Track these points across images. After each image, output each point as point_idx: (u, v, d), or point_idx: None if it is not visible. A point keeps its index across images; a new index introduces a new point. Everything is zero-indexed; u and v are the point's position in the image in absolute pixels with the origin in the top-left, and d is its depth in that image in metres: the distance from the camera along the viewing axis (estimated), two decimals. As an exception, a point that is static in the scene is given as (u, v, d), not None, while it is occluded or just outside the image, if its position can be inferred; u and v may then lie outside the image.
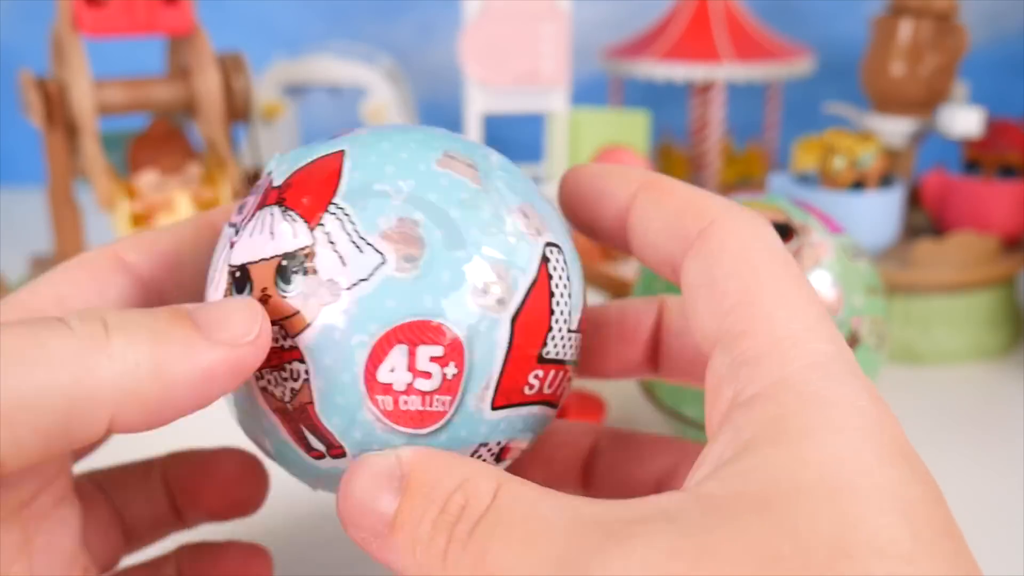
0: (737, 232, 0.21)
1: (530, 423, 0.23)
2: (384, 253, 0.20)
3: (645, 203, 0.23)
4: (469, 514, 0.18)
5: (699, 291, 0.20)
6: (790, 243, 0.41)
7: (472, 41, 0.64)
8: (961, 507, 0.44)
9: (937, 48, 0.57)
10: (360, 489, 0.19)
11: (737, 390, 0.18)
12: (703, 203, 0.22)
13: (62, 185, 0.57)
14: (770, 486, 0.16)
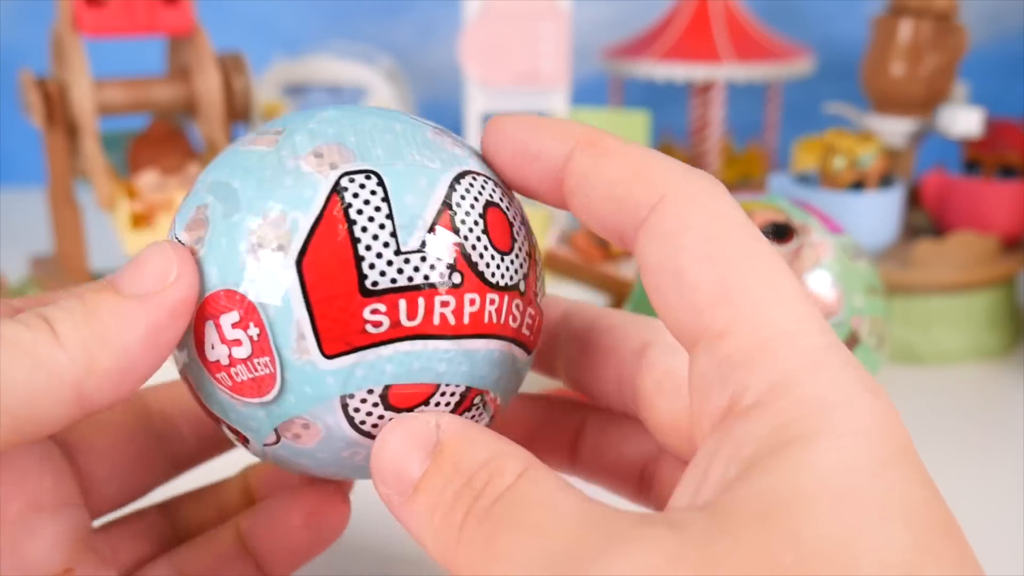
0: (698, 207, 0.19)
1: (456, 361, 0.21)
2: (184, 243, 0.22)
3: (583, 166, 0.20)
4: (490, 491, 0.18)
5: (665, 280, 0.19)
6: (790, 243, 0.41)
7: (472, 41, 0.64)
8: (961, 507, 0.44)
9: (937, 48, 0.57)
10: (393, 446, 0.19)
11: (732, 398, 0.17)
12: (652, 170, 0.19)
13: (62, 185, 0.57)
14: (772, 493, 0.16)
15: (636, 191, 0.19)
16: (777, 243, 0.41)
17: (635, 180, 0.19)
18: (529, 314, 0.22)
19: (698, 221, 0.19)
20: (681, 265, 0.18)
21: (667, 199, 0.19)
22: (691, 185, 0.19)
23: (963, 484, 0.43)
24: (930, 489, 0.17)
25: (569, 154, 0.21)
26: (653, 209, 0.19)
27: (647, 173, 0.19)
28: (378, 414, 0.21)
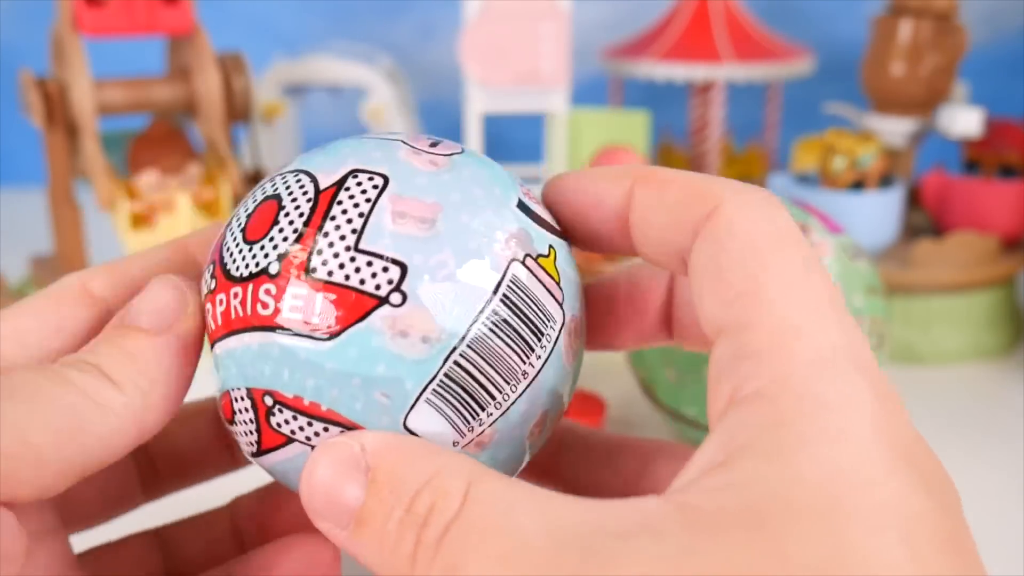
0: (745, 214, 0.19)
1: (224, 365, 0.21)
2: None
3: (645, 199, 0.21)
4: (438, 518, 0.17)
5: (704, 277, 0.19)
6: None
7: (472, 41, 0.64)
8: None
9: (937, 48, 0.57)
10: (322, 477, 0.18)
11: (736, 385, 0.17)
12: (707, 187, 0.20)
13: (62, 185, 0.57)
14: (760, 504, 0.15)
15: (694, 208, 0.20)
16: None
17: (692, 198, 0.20)
18: (295, 295, 0.20)
19: (744, 226, 0.19)
20: (720, 264, 0.19)
21: (720, 208, 0.20)
22: (743, 196, 0.20)
23: (963, 484, 0.42)
24: (936, 497, 0.16)
25: (629, 192, 0.22)
26: (707, 218, 0.20)
27: (703, 188, 0.20)
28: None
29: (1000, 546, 0.38)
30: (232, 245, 0.21)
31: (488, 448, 0.21)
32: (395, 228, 0.20)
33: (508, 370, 0.20)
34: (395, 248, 0.20)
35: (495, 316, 0.20)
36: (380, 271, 0.19)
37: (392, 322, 0.19)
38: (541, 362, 0.21)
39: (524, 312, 0.20)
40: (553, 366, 0.21)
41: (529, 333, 0.20)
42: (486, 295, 0.20)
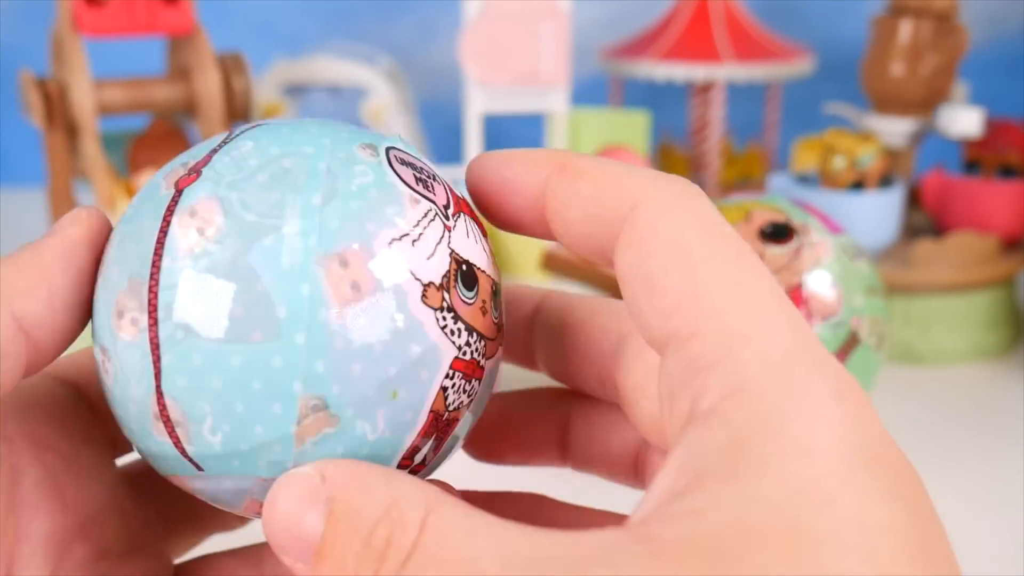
0: (667, 212, 0.18)
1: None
2: None
3: (559, 190, 0.20)
4: (395, 552, 0.16)
5: (637, 288, 0.18)
6: (790, 243, 0.41)
7: (472, 41, 0.64)
8: (961, 507, 0.44)
9: (937, 48, 0.57)
10: (284, 508, 0.18)
11: (691, 402, 0.17)
12: (623, 182, 0.19)
13: (62, 185, 0.57)
14: (721, 531, 0.15)
15: (610, 204, 0.19)
16: (777, 243, 0.41)
17: (609, 194, 0.19)
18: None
19: (668, 226, 0.18)
20: (650, 270, 0.18)
21: (639, 207, 0.19)
22: (663, 191, 0.19)
23: (963, 484, 0.42)
24: (903, 502, 0.16)
25: (545, 181, 0.20)
26: (626, 219, 0.19)
27: (620, 185, 0.19)
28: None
29: (1000, 546, 0.38)
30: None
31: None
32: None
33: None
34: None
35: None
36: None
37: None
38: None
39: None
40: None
41: None
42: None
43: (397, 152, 0.21)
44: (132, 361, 0.19)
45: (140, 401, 0.20)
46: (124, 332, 0.19)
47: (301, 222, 0.19)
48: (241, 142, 0.20)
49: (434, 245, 0.20)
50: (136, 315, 0.19)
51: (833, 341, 0.40)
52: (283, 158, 0.20)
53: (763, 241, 0.41)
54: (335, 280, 0.19)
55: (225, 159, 0.20)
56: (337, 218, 0.19)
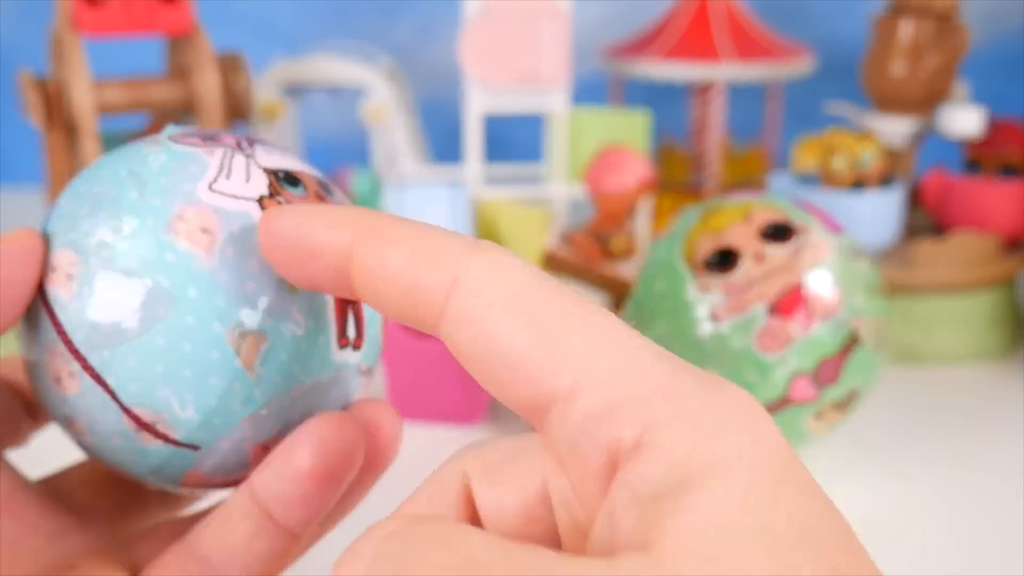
0: (492, 281, 0.18)
1: None
2: None
3: (367, 260, 0.19)
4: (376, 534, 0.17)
5: (492, 363, 0.18)
6: (790, 243, 0.41)
7: (472, 41, 0.63)
8: (961, 507, 0.44)
9: (937, 48, 0.57)
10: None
11: (609, 448, 0.16)
12: (436, 252, 0.18)
13: (62, 185, 0.57)
14: (702, 534, 0.15)
15: (425, 278, 0.18)
16: (777, 243, 0.41)
17: (421, 266, 0.18)
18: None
19: (498, 294, 0.18)
20: (500, 344, 0.17)
21: (460, 280, 0.18)
22: (478, 260, 0.18)
23: (963, 484, 0.42)
24: (793, 526, 0.15)
25: (349, 248, 0.19)
26: (449, 294, 0.18)
27: (432, 256, 0.18)
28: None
29: (1000, 546, 0.38)
30: None
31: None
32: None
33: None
34: None
35: None
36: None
37: None
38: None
39: None
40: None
41: None
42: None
43: (178, 135, 0.24)
44: (90, 405, 0.22)
45: (117, 429, 0.22)
46: (70, 389, 0.22)
47: (133, 218, 0.22)
48: (59, 202, 0.23)
49: (245, 170, 0.23)
50: (69, 368, 0.22)
51: (833, 341, 0.40)
52: (92, 188, 0.23)
53: (763, 241, 0.41)
54: (186, 234, 0.21)
55: (53, 219, 0.23)
56: (156, 196, 0.22)
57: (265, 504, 0.22)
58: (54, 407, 0.23)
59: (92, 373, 0.22)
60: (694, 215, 0.43)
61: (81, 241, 0.22)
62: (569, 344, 0.17)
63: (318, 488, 0.22)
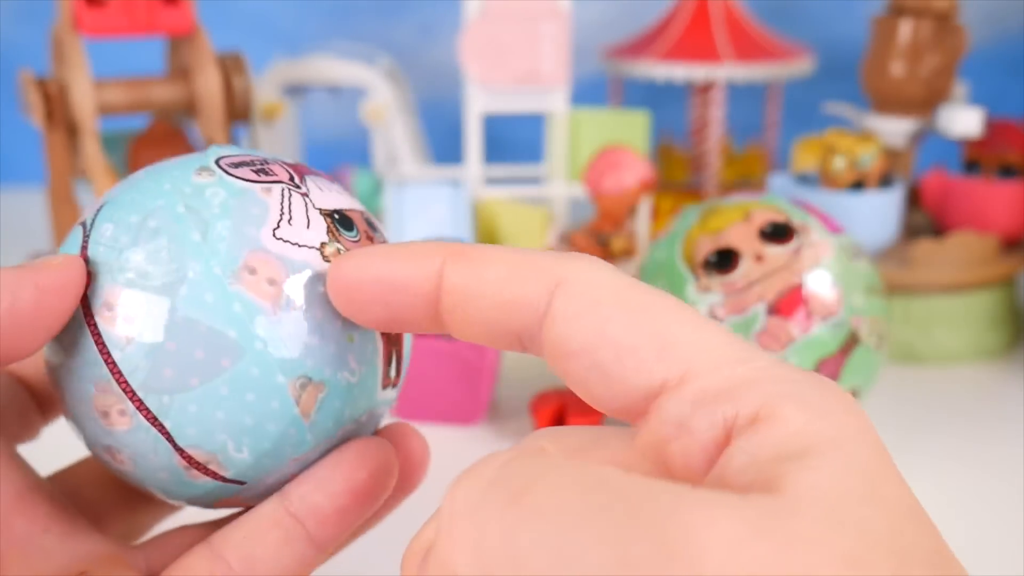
0: (597, 283, 0.19)
1: None
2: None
3: (461, 278, 0.20)
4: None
5: (600, 355, 0.19)
6: (790, 243, 0.41)
7: (472, 41, 0.64)
8: (961, 507, 0.44)
9: (937, 48, 0.57)
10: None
11: (725, 424, 0.17)
12: (537, 263, 0.19)
13: (62, 185, 0.57)
14: (828, 488, 0.16)
15: (525, 286, 0.19)
16: (777, 243, 0.41)
17: (520, 276, 0.19)
18: None
19: (603, 294, 0.19)
20: (612, 336, 0.18)
21: (563, 283, 0.19)
22: (580, 266, 0.19)
23: (963, 484, 0.42)
24: (908, 493, 0.17)
25: (439, 272, 0.20)
26: (552, 297, 0.19)
27: (529, 267, 0.19)
28: None
29: (1000, 546, 0.38)
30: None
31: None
32: None
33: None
34: None
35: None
36: None
37: None
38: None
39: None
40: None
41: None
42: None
43: (226, 159, 0.23)
44: (140, 442, 0.22)
45: (166, 466, 0.22)
46: (119, 425, 0.22)
47: (198, 263, 0.21)
48: (101, 226, 0.22)
49: (304, 213, 0.23)
50: (121, 407, 0.21)
51: (833, 341, 0.40)
52: (146, 221, 0.22)
53: (763, 241, 0.41)
54: (254, 287, 0.21)
55: (99, 249, 0.22)
56: (221, 241, 0.21)
57: (299, 515, 0.23)
58: (94, 436, 0.22)
59: (148, 415, 0.21)
60: (694, 215, 0.43)
61: (140, 282, 0.21)
62: (678, 335, 0.18)
63: (353, 505, 0.23)
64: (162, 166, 0.23)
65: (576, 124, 0.66)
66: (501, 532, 0.15)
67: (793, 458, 0.16)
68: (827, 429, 0.17)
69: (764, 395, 0.17)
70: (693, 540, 0.14)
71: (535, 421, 0.46)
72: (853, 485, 0.16)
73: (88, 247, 0.22)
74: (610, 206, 0.56)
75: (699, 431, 0.18)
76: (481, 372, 0.46)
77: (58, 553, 0.23)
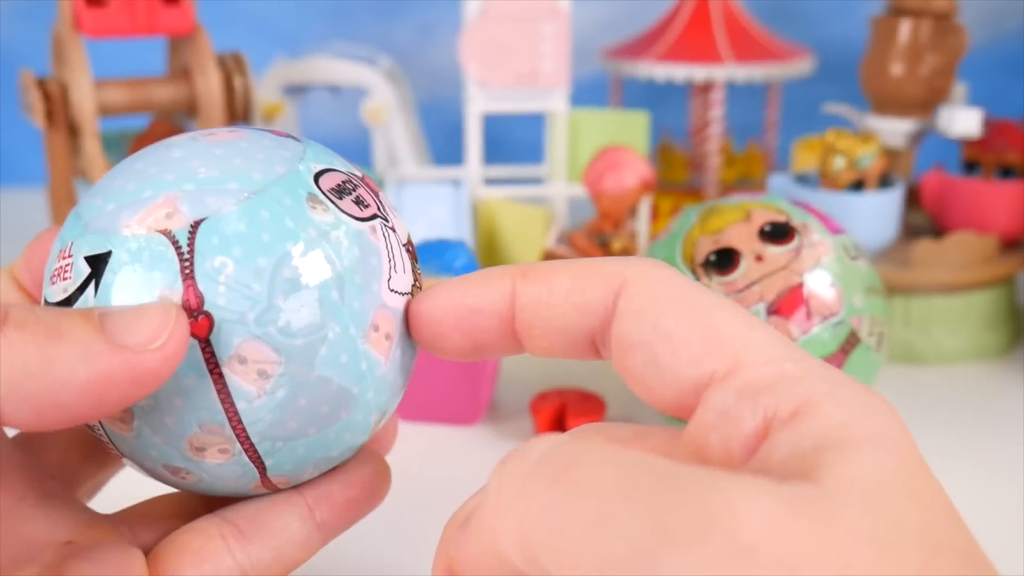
0: (657, 281, 0.20)
1: None
2: None
3: (533, 290, 0.21)
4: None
5: (655, 348, 0.20)
6: (790, 243, 0.41)
7: (472, 41, 0.64)
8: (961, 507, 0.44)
9: (937, 48, 0.57)
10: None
11: (766, 416, 0.18)
12: (602, 267, 0.21)
13: (62, 185, 0.57)
14: (866, 480, 0.16)
15: (594, 291, 0.21)
16: (777, 243, 0.41)
17: (587, 283, 0.21)
18: None
19: (663, 291, 0.20)
20: (667, 330, 0.20)
21: (628, 282, 0.20)
22: (642, 267, 0.21)
23: (963, 484, 0.43)
24: (944, 495, 0.17)
25: (511, 291, 0.21)
26: (619, 295, 0.20)
27: (594, 273, 0.21)
28: None
29: (1000, 546, 0.38)
30: None
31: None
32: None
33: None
34: None
35: None
36: None
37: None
38: None
39: None
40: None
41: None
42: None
43: (325, 178, 0.22)
44: (228, 473, 0.22)
45: (239, 489, 0.23)
46: (212, 459, 0.21)
47: (335, 322, 0.21)
48: (212, 257, 0.20)
49: (401, 258, 0.23)
50: (224, 446, 0.21)
51: (833, 341, 0.40)
52: (279, 270, 0.20)
53: (763, 241, 0.41)
54: (376, 343, 0.22)
55: (220, 288, 0.20)
56: (355, 299, 0.21)
57: (310, 500, 0.24)
58: (166, 458, 0.21)
59: (254, 456, 0.21)
60: (694, 215, 0.43)
61: (281, 341, 0.20)
62: (729, 330, 0.19)
63: (361, 497, 0.25)
64: (271, 192, 0.21)
65: (576, 124, 0.66)
66: (546, 505, 0.16)
67: (832, 450, 0.17)
68: (866, 426, 0.17)
69: (807, 391, 0.18)
70: (733, 513, 0.15)
71: (535, 421, 0.46)
72: (889, 478, 0.16)
73: (197, 278, 0.20)
74: (610, 206, 0.56)
75: (741, 421, 0.18)
76: (481, 372, 0.46)
77: (38, 523, 0.22)
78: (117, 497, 0.27)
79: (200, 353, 0.20)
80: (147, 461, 0.22)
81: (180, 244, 0.20)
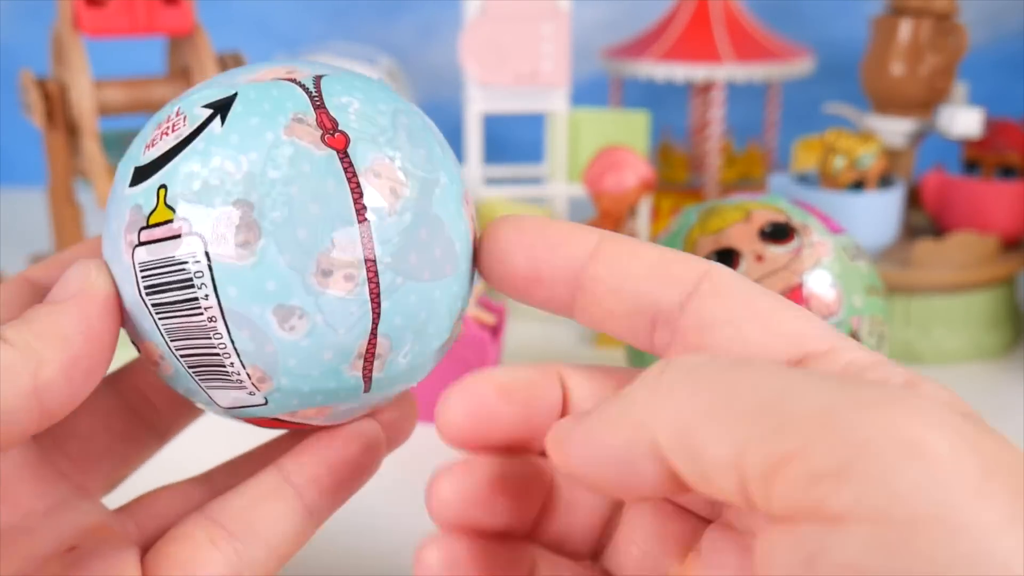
0: (736, 275, 0.21)
1: None
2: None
3: (618, 249, 0.22)
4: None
5: (743, 325, 0.21)
6: (790, 243, 0.41)
7: (472, 41, 0.64)
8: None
9: (937, 48, 0.57)
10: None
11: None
12: (686, 255, 0.22)
13: (62, 185, 0.57)
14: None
15: (678, 267, 0.21)
16: (777, 243, 0.41)
17: (674, 259, 0.21)
18: None
19: (748, 283, 0.21)
20: (761, 308, 0.21)
21: (712, 270, 0.21)
22: (720, 265, 0.22)
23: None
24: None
25: (596, 245, 0.22)
26: (702, 279, 0.21)
27: (682, 255, 0.22)
28: None
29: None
30: None
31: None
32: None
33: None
34: None
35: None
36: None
37: None
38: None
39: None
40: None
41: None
42: None
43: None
44: (344, 312, 0.21)
45: (342, 347, 0.21)
46: (334, 288, 0.20)
47: (443, 173, 0.22)
48: (339, 96, 0.22)
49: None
50: (351, 271, 0.20)
51: (833, 341, 0.40)
52: (398, 116, 0.22)
53: (763, 241, 0.41)
54: (470, 213, 0.23)
55: (350, 116, 0.21)
56: (452, 164, 0.23)
57: (298, 486, 0.24)
58: (288, 290, 0.20)
59: (374, 290, 0.21)
60: (694, 215, 0.43)
61: (407, 167, 0.22)
62: (812, 321, 0.21)
63: (349, 477, 0.24)
64: (357, 75, 0.23)
65: (576, 124, 0.66)
66: (720, 380, 0.17)
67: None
68: (964, 408, 0.18)
69: (907, 372, 0.19)
70: (916, 393, 0.17)
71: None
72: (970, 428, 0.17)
73: (328, 108, 0.21)
74: (610, 206, 0.56)
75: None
76: (481, 372, 0.46)
77: (43, 534, 0.23)
78: (119, 492, 0.27)
79: (339, 163, 0.21)
80: (256, 304, 0.20)
81: (307, 87, 0.22)
